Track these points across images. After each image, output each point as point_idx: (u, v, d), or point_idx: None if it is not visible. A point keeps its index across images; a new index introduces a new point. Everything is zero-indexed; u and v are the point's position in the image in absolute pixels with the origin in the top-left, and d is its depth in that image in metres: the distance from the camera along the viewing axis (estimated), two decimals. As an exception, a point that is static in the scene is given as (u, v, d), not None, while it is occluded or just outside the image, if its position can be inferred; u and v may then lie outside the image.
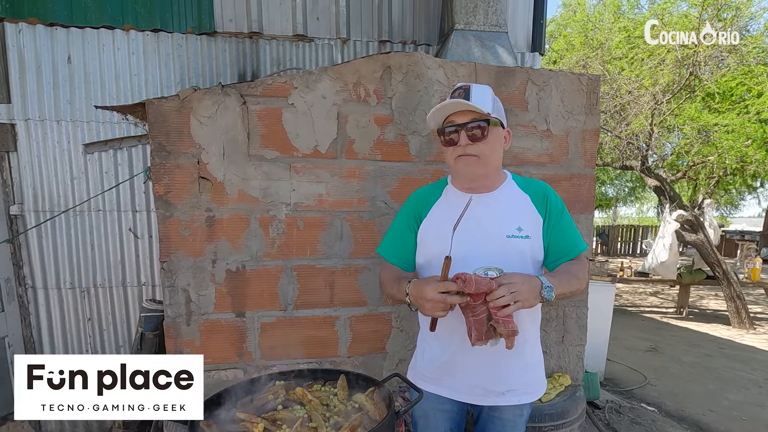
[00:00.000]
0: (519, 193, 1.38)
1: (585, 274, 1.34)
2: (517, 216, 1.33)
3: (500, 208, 1.34)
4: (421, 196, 1.49)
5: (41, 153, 2.90)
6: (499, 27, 2.74)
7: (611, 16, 7.71)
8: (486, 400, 1.40)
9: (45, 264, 3.01)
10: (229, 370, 2.14)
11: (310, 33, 3.13)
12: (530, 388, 1.41)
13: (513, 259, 1.28)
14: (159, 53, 2.96)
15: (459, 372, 1.37)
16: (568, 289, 1.27)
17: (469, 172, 1.32)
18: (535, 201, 1.36)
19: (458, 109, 1.29)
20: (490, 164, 1.33)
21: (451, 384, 1.40)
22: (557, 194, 1.40)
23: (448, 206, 1.40)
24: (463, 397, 1.41)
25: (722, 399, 3.95)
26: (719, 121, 6.23)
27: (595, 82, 2.28)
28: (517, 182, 1.41)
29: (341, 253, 2.16)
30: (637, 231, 17.11)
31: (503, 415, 1.41)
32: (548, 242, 1.34)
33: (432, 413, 1.46)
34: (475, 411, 1.49)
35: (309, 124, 2.05)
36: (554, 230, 1.34)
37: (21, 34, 2.79)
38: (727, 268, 6.52)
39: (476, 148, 1.28)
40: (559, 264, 1.35)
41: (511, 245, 1.28)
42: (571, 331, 2.44)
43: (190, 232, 2.01)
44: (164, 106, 1.93)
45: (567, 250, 1.34)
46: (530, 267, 1.33)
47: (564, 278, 1.26)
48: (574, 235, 1.37)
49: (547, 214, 1.34)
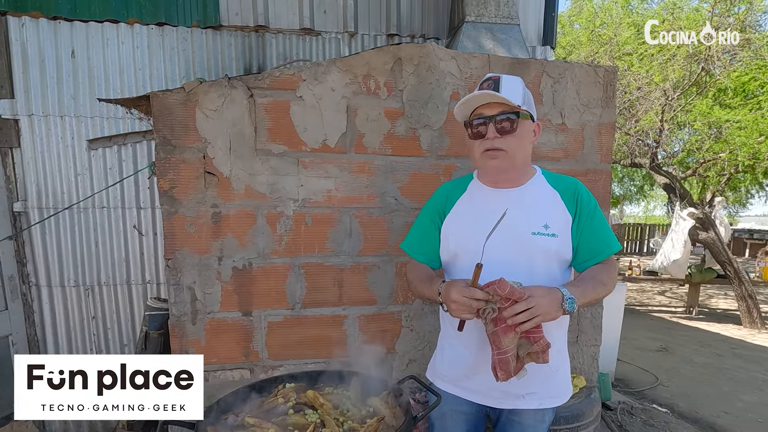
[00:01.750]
0: (548, 189, 1.32)
1: (613, 278, 1.28)
2: (544, 213, 1.26)
3: (527, 204, 1.28)
4: (444, 191, 1.44)
5: (45, 149, 2.86)
6: (511, 19, 2.67)
7: (620, 11, 7.60)
8: (504, 402, 1.34)
9: (49, 261, 2.97)
10: (236, 370, 2.09)
11: (317, 27, 3.08)
12: (553, 393, 1.34)
13: (537, 257, 1.23)
14: (164, 47, 2.91)
15: (478, 374, 1.31)
16: (593, 297, 1.21)
17: (496, 166, 1.27)
18: (565, 198, 1.29)
19: (486, 101, 1.23)
20: (518, 159, 1.27)
21: (469, 385, 1.35)
22: (589, 192, 1.33)
23: (472, 201, 1.35)
24: (481, 399, 1.36)
25: (736, 400, 3.87)
26: (731, 118, 6.12)
27: (612, 74, 2.21)
28: (546, 178, 1.35)
29: (350, 250, 2.10)
30: (644, 229, 16.96)
31: (523, 420, 1.35)
32: (578, 242, 1.28)
33: (449, 414, 1.40)
34: (494, 414, 1.43)
35: (317, 118, 1.99)
36: (585, 229, 1.27)
37: (24, 27, 2.74)
38: (738, 267, 6.42)
39: (504, 142, 1.23)
40: (588, 265, 1.28)
41: (536, 243, 1.23)
42: (586, 331, 2.38)
43: (195, 229, 1.96)
44: (169, 99, 1.87)
45: (598, 250, 1.28)
46: (555, 267, 1.27)
47: (588, 287, 1.20)
48: (607, 235, 1.30)
49: (578, 212, 1.28)
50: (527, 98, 1.27)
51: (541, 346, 1.08)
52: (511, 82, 1.24)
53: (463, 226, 1.31)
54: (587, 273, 1.27)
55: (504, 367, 1.09)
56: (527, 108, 1.25)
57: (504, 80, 1.23)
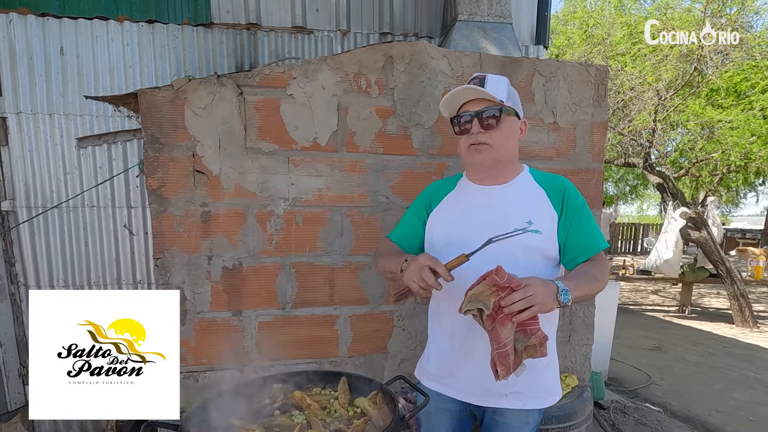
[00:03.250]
0: (534, 187, 1.32)
1: (605, 274, 1.27)
2: (528, 209, 1.26)
3: (511, 201, 1.29)
4: (434, 188, 1.47)
5: (33, 147, 2.82)
6: (503, 18, 2.67)
7: (613, 12, 7.63)
8: (487, 400, 1.33)
9: (38, 261, 2.93)
10: (226, 370, 2.07)
11: (310, 25, 3.06)
12: (539, 393, 1.33)
13: (520, 253, 1.23)
14: (154, 45, 2.88)
15: (461, 370, 1.32)
16: (587, 292, 1.20)
17: (480, 161, 1.28)
18: (551, 196, 1.30)
19: (471, 97, 1.25)
20: (502, 153, 1.28)
21: (453, 383, 1.36)
22: (577, 190, 1.33)
23: (459, 198, 1.37)
24: (464, 397, 1.36)
25: (729, 399, 3.89)
26: (723, 118, 6.16)
27: (604, 73, 2.21)
28: (534, 176, 1.36)
29: (341, 249, 2.09)
30: (638, 229, 17.04)
31: (507, 420, 1.33)
32: (565, 239, 1.28)
33: (434, 412, 1.40)
34: (479, 413, 1.42)
35: (308, 116, 1.98)
36: (572, 227, 1.27)
37: (12, 24, 2.70)
38: (730, 266, 6.45)
39: (488, 137, 1.24)
40: (578, 263, 1.28)
41: (519, 239, 1.22)
42: (578, 330, 2.38)
43: (184, 228, 1.94)
44: (157, 96, 1.85)
45: (585, 247, 1.27)
46: (540, 264, 1.26)
47: (581, 281, 1.19)
48: (594, 233, 1.30)
49: (564, 209, 1.28)
50: (512, 96, 1.29)
51: (539, 338, 1.07)
52: (496, 81, 1.26)
53: (448, 221, 1.33)
54: (579, 269, 1.27)
55: (504, 362, 1.07)
56: (511, 104, 1.27)
57: (489, 78, 1.25)
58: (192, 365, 2.03)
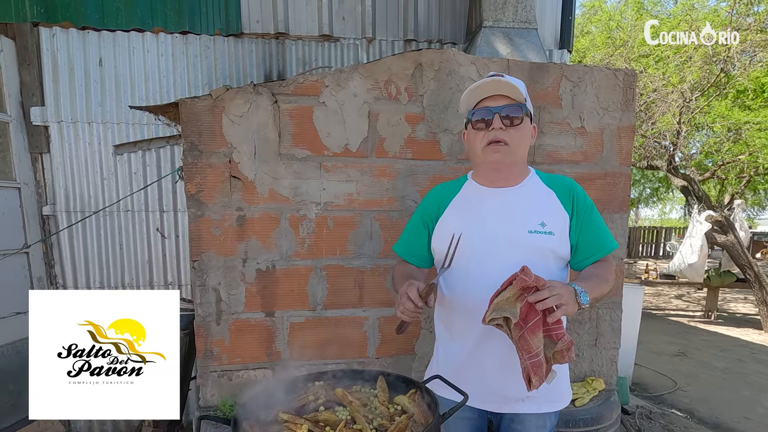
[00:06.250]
0: (543, 188, 1.32)
1: (612, 275, 1.28)
2: (540, 211, 1.27)
3: (523, 203, 1.29)
4: (436, 193, 1.44)
5: (73, 154, 2.95)
6: (528, 24, 2.69)
7: (634, 14, 7.55)
8: (503, 407, 1.34)
9: (75, 263, 3.06)
10: (258, 369, 2.13)
11: (336, 33, 3.13)
12: (552, 397, 1.33)
13: (534, 256, 1.22)
14: (187, 55, 2.99)
15: (474, 377, 1.30)
16: (599, 293, 1.21)
17: (499, 160, 1.25)
18: (561, 197, 1.29)
19: (494, 92, 1.24)
20: (519, 155, 1.27)
21: (467, 390, 1.35)
22: (584, 190, 1.33)
23: (467, 202, 1.35)
24: (479, 404, 1.34)
25: (758, 406, 3.81)
26: (751, 119, 6.03)
27: (632, 78, 2.22)
28: (541, 178, 1.35)
29: (371, 252, 2.14)
30: (660, 233, 16.72)
31: (525, 427, 1.34)
32: (577, 239, 1.28)
33: (452, 421, 1.37)
34: (495, 420, 1.42)
35: (340, 123, 2.04)
36: (584, 227, 1.28)
37: (55, 38, 2.84)
38: (759, 271, 6.30)
39: (508, 134, 1.22)
40: (588, 263, 1.29)
41: (533, 241, 1.23)
42: (605, 334, 2.38)
43: (221, 232, 2.01)
44: (197, 105, 1.93)
45: (597, 248, 1.28)
46: (553, 265, 1.27)
47: (593, 283, 1.20)
48: (604, 233, 1.31)
49: (575, 210, 1.28)
50: (528, 98, 1.28)
51: (566, 343, 1.07)
52: (515, 81, 1.25)
53: (460, 226, 1.29)
54: (588, 270, 1.27)
55: (537, 371, 1.06)
56: (529, 107, 1.27)
57: (507, 78, 1.24)
58: (226, 364, 2.09)
